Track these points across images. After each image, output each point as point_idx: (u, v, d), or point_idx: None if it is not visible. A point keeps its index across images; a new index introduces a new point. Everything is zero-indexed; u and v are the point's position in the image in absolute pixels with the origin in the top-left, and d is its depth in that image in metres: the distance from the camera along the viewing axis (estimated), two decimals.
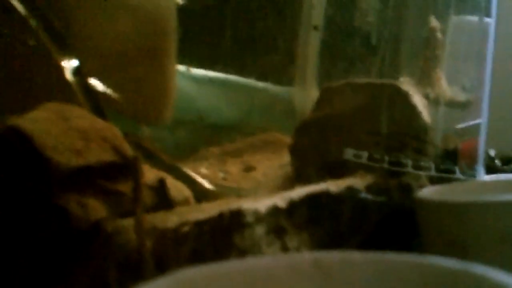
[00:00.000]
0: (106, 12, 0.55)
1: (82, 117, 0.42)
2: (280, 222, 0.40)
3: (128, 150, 0.41)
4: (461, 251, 0.40)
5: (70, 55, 0.51)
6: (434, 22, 0.61)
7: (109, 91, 0.54)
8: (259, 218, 0.38)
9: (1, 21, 0.47)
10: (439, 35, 0.61)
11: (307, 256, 0.27)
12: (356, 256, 0.26)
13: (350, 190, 0.47)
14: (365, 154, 0.52)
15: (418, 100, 0.55)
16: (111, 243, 0.38)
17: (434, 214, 0.43)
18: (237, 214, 0.37)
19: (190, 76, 0.69)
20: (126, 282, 0.37)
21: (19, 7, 0.48)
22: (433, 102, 0.59)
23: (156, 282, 0.24)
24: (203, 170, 0.62)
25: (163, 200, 0.44)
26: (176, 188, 0.46)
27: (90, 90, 0.51)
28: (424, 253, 0.26)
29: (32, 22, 0.49)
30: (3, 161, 0.38)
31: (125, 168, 0.41)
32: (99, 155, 0.40)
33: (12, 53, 0.49)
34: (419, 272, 0.25)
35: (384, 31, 0.63)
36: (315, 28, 0.71)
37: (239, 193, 0.57)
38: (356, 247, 0.45)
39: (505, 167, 0.95)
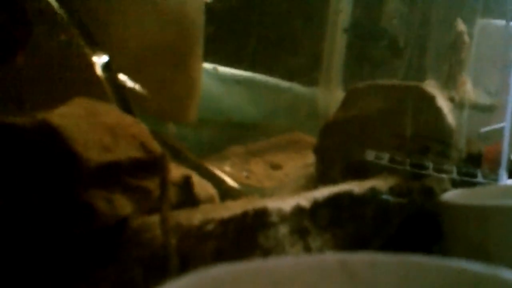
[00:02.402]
0: (135, 11, 0.56)
1: (110, 113, 0.43)
2: (304, 223, 0.40)
3: (156, 148, 0.42)
4: (484, 254, 0.39)
5: (100, 51, 0.51)
6: (461, 25, 0.61)
7: (137, 88, 0.55)
8: (283, 217, 0.38)
9: (35, 20, 0.47)
10: (465, 38, 0.61)
11: (333, 257, 0.27)
12: (382, 257, 0.26)
13: (373, 191, 0.47)
14: (386, 156, 0.52)
15: (443, 103, 0.54)
16: (137, 239, 0.39)
17: (458, 217, 0.43)
18: (262, 213, 0.37)
19: (216, 76, 0.69)
20: (151, 278, 0.37)
21: (54, 5, 0.49)
22: (458, 105, 0.58)
23: (181, 280, 0.24)
24: (227, 169, 0.62)
25: (188, 197, 0.44)
26: (201, 186, 0.46)
27: (119, 86, 0.52)
28: (446, 256, 0.26)
29: (65, 20, 0.49)
30: (33, 156, 0.38)
31: (152, 165, 0.41)
32: (127, 151, 0.40)
33: (44, 49, 0.50)
34: (446, 275, 0.25)
35: (410, 34, 0.63)
36: (345, 31, 0.71)
37: (262, 192, 0.57)
38: (378, 249, 0.45)
39: None
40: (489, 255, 0.39)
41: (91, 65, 0.51)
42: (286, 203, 0.39)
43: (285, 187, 0.61)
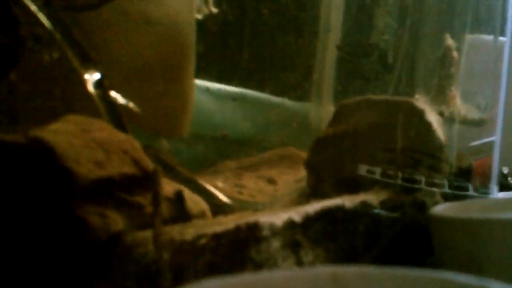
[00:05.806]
0: (128, 27, 0.56)
1: (103, 129, 0.43)
2: (296, 236, 0.40)
3: (148, 163, 0.42)
4: (475, 268, 0.40)
5: (92, 68, 0.52)
6: (449, 40, 0.62)
7: (129, 104, 0.55)
8: (275, 232, 0.38)
9: (28, 37, 0.48)
10: (454, 53, 0.61)
11: (325, 270, 0.27)
12: (373, 270, 0.26)
13: (365, 205, 0.47)
14: (378, 170, 0.53)
15: (433, 118, 0.55)
16: (130, 255, 0.39)
17: (448, 230, 0.43)
18: (254, 228, 0.37)
19: (208, 91, 0.70)
20: None
21: (45, 23, 0.49)
22: (448, 120, 0.59)
23: None
24: (220, 184, 0.62)
25: (180, 212, 0.45)
26: (193, 201, 0.46)
27: (111, 103, 0.52)
28: (438, 269, 0.26)
29: (57, 36, 0.49)
30: (25, 172, 0.39)
31: (144, 181, 0.41)
32: (119, 167, 0.40)
33: (36, 65, 0.50)
34: (436, 287, 0.25)
35: (400, 50, 0.63)
36: (338, 48, 0.72)
37: (254, 207, 0.57)
38: (370, 263, 0.46)
39: None
40: (479, 268, 0.39)
41: (83, 82, 0.51)
42: (278, 218, 0.39)
43: (277, 201, 0.61)
